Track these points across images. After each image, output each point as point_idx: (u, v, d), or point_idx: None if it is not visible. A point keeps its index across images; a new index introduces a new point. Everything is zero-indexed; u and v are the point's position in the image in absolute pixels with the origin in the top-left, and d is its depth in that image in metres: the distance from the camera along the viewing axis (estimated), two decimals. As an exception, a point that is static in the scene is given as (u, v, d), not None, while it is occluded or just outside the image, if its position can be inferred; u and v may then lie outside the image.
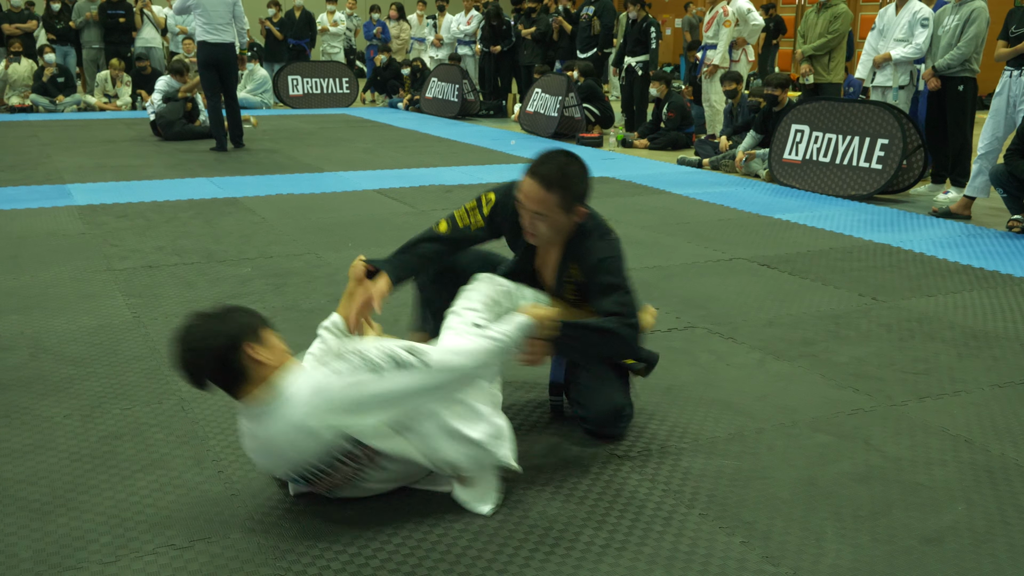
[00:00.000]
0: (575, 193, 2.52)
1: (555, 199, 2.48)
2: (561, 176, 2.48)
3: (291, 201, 6.51)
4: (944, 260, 5.01)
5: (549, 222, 2.53)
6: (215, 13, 8.45)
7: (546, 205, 2.49)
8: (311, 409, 2.10)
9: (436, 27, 14.78)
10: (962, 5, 6.71)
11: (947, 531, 2.28)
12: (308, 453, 2.14)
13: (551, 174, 2.48)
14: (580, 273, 2.63)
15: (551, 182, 2.47)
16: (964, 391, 3.19)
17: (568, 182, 2.50)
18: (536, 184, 2.48)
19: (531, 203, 2.50)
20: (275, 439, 2.14)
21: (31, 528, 2.24)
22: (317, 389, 2.12)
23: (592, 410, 2.71)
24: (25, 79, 12.80)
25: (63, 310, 3.97)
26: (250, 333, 2.16)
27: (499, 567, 2.10)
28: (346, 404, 2.11)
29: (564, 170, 2.50)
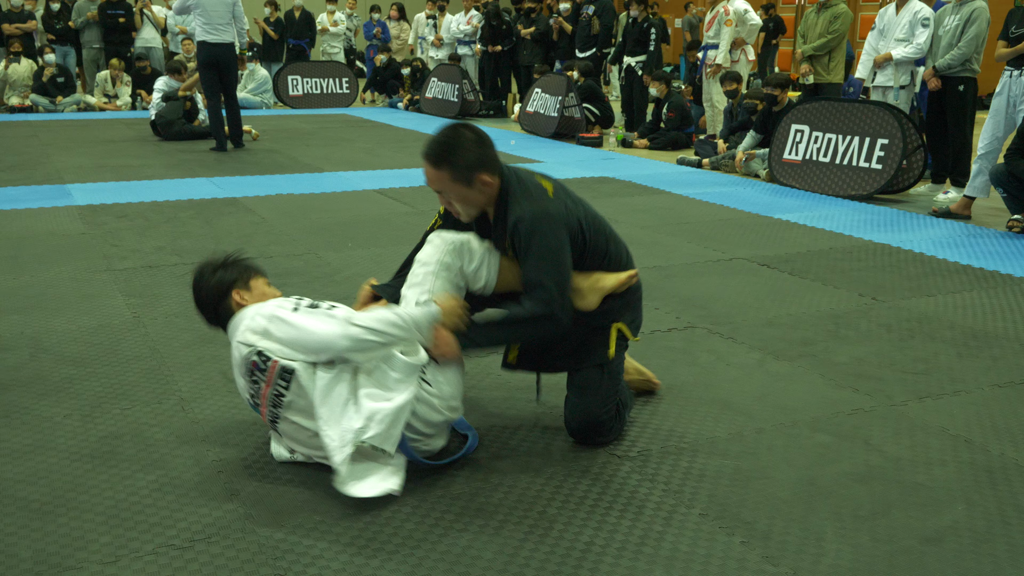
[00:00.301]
0: (465, 163, 2.46)
1: (446, 174, 2.47)
2: (443, 151, 2.47)
3: (291, 201, 6.51)
4: (944, 260, 5.02)
5: (456, 198, 2.52)
6: (215, 13, 8.45)
7: (442, 182, 2.49)
8: (244, 328, 2.48)
9: (436, 27, 14.78)
10: (963, 5, 6.71)
11: (947, 531, 2.28)
12: (237, 365, 2.50)
13: (434, 151, 2.48)
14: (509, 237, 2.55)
15: (437, 159, 2.48)
16: (964, 391, 3.19)
17: (451, 155, 2.46)
18: (426, 165, 2.50)
19: (431, 184, 2.53)
20: (232, 356, 2.53)
21: (31, 528, 2.24)
22: (252, 313, 2.50)
23: (571, 420, 2.69)
24: (25, 79, 12.80)
25: (63, 310, 3.97)
26: (240, 281, 2.62)
27: (499, 567, 2.10)
28: (264, 326, 2.45)
29: (445, 144, 2.47)
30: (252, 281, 2.64)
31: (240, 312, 2.56)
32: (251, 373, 2.45)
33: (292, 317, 2.43)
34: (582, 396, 2.67)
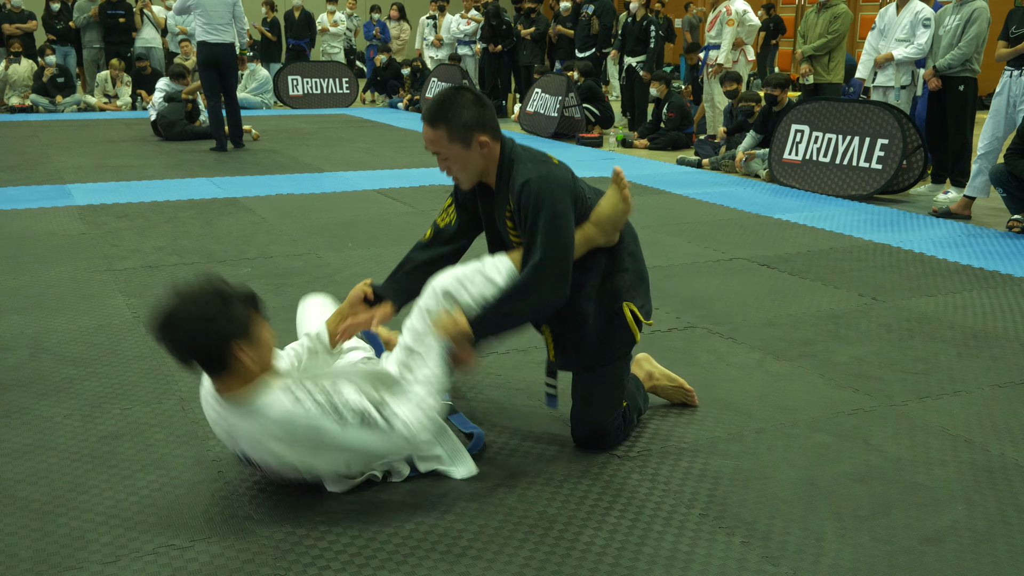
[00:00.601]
0: (462, 122, 2.44)
1: (443, 133, 2.45)
2: (440, 110, 2.45)
3: (291, 201, 6.51)
4: (944, 260, 5.02)
5: (453, 160, 2.51)
6: (215, 13, 8.46)
7: (438, 143, 2.47)
8: (270, 434, 2.19)
9: (436, 27, 14.78)
10: (963, 5, 6.71)
11: (947, 531, 2.28)
12: (260, 455, 2.27)
13: (431, 111, 2.46)
14: (512, 204, 2.52)
15: (433, 118, 2.46)
16: (964, 391, 3.19)
17: (448, 113, 2.44)
18: (424, 126, 2.49)
19: (429, 146, 2.51)
20: (237, 431, 2.25)
21: (31, 528, 2.24)
22: (283, 419, 2.17)
23: (576, 429, 2.68)
24: (25, 79, 12.80)
25: (63, 310, 3.97)
26: (242, 332, 2.18)
27: (499, 567, 2.10)
28: (303, 444, 2.21)
29: (443, 104, 2.45)
30: (253, 327, 2.23)
31: (254, 392, 2.18)
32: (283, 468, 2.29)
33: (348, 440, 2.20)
34: (588, 405, 2.63)
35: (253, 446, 2.24)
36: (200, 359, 2.19)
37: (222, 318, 2.15)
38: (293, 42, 15.02)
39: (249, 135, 9.60)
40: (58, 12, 13.36)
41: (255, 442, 2.22)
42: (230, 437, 2.29)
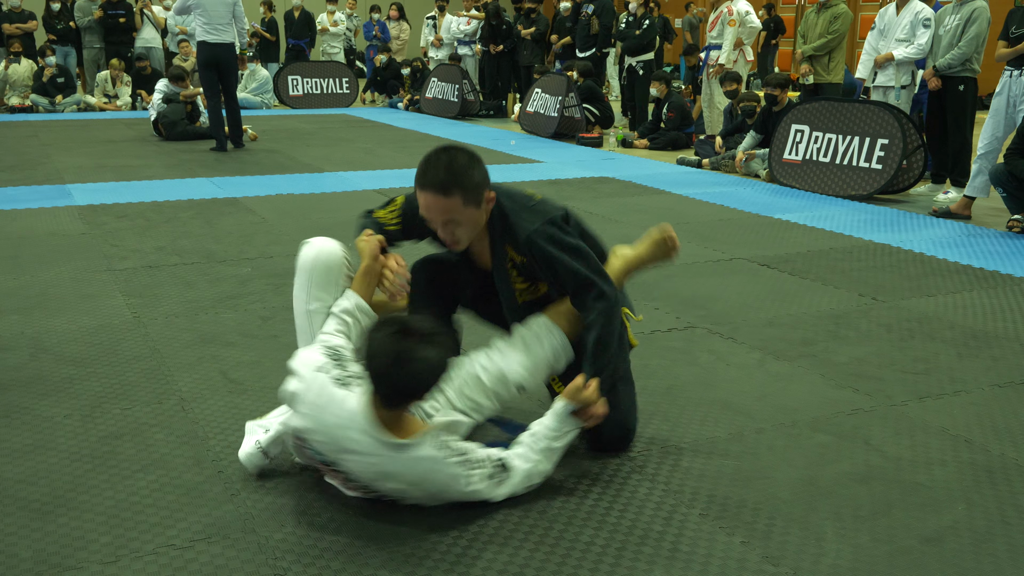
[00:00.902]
0: (474, 184, 2.39)
1: (458, 200, 2.37)
2: (451, 176, 2.36)
3: (291, 201, 6.52)
4: (944, 260, 5.02)
5: (465, 225, 2.42)
6: (215, 13, 8.46)
7: (452, 210, 2.38)
8: (407, 475, 2.21)
9: (436, 27, 14.79)
10: (963, 5, 6.71)
11: (947, 531, 2.28)
12: (375, 481, 2.24)
13: (442, 179, 2.36)
14: (518, 256, 2.51)
15: (445, 186, 2.35)
16: (964, 391, 3.19)
17: (462, 178, 2.36)
18: (433, 195, 2.37)
19: (438, 214, 2.39)
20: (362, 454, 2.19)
21: (31, 528, 2.24)
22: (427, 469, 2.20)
23: (605, 433, 2.62)
24: (25, 79, 12.80)
25: (63, 310, 3.97)
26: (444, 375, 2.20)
27: (499, 567, 2.10)
28: (430, 488, 2.25)
29: (452, 168, 2.37)
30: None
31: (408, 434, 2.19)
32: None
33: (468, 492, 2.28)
34: (615, 409, 2.59)
35: (375, 474, 2.21)
36: (406, 396, 2.17)
37: (446, 368, 2.19)
38: (293, 42, 15.02)
39: (246, 135, 9.60)
40: (59, 12, 13.36)
41: (383, 473, 2.20)
42: (338, 449, 2.21)
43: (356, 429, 2.17)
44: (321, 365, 2.26)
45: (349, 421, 2.17)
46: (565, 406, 2.41)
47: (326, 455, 2.25)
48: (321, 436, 2.22)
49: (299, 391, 2.26)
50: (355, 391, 2.21)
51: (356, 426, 2.17)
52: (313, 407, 2.22)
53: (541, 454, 2.39)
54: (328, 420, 2.20)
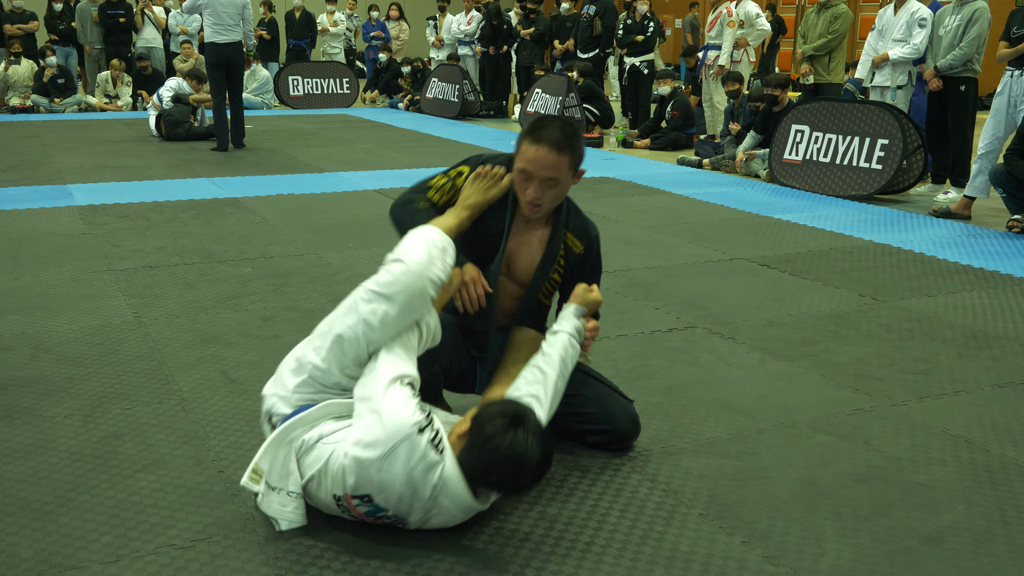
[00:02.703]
0: (580, 153, 2.51)
1: (567, 161, 2.45)
2: (567, 138, 2.45)
3: (291, 201, 6.52)
4: (944, 260, 5.02)
5: (559, 188, 2.49)
6: (225, 13, 8.54)
7: (560, 169, 2.45)
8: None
9: (437, 28, 14.79)
10: (964, 5, 6.71)
11: (947, 531, 2.28)
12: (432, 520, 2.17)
13: (558, 137, 2.43)
14: (579, 245, 2.63)
15: (561, 144, 2.43)
16: (964, 391, 3.19)
17: (575, 143, 2.47)
18: (547, 149, 2.42)
19: (544, 169, 2.44)
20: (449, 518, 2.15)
21: (32, 528, 2.24)
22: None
23: (614, 424, 2.65)
24: (25, 80, 12.80)
25: (64, 310, 3.97)
26: None
27: (499, 567, 2.10)
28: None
29: (566, 131, 2.46)
30: None
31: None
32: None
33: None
34: (613, 399, 2.69)
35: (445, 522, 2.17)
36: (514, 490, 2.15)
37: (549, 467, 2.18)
38: (293, 42, 15.02)
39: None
40: (60, 12, 13.36)
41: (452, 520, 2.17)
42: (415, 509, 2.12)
43: (448, 498, 2.10)
44: (416, 423, 2.07)
45: (442, 491, 2.09)
46: (576, 308, 2.54)
47: (391, 512, 2.12)
48: (394, 495, 2.08)
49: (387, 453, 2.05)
50: (448, 459, 2.09)
51: (449, 496, 2.09)
52: (405, 473, 2.06)
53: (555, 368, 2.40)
54: (417, 485, 2.07)
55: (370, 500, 2.10)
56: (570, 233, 2.63)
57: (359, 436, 2.08)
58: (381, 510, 2.12)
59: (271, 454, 2.19)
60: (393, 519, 2.15)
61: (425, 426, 2.08)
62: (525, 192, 2.49)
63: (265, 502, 2.20)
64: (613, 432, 2.67)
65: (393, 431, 2.05)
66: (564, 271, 2.66)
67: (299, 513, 2.20)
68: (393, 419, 2.07)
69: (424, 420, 2.09)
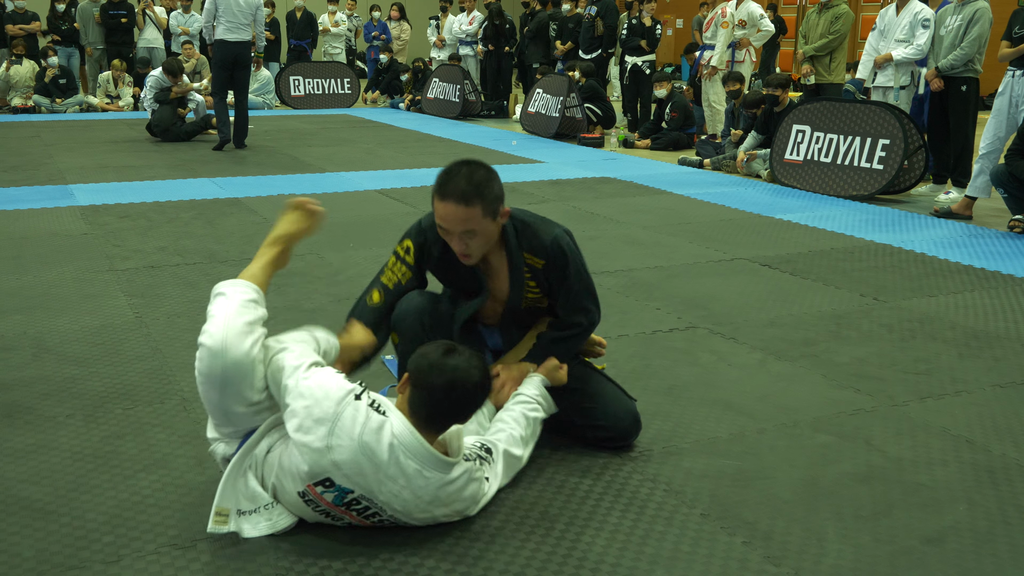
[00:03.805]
0: (493, 197, 2.41)
1: (478, 211, 2.37)
2: (473, 187, 2.36)
3: (293, 201, 6.51)
4: (945, 260, 5.02)
5: (480, 236, 2.43)
6: (240, 11, 8.64)
7: (472, 220, 2.38)
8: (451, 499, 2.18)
9: (439, 28, 14.80)
10: (965, 5, 6.71)
11: (948, 531, 2.28)
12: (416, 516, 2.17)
13: (463, 189, 2.35)
14: (538, 261, 2.56)
15: (468, 196, 2.35)
16: (965, 391, 3.19)
17: (482, 189, 2.38)
18: (453, 205, 2.36)
19: (457, 224, 2.38)
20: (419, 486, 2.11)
21: (34, 528, 2.24)
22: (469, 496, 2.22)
23: (615, 421, 2.67)
24: (27, 80, 12.81)
25: (65, 310, 3.98)
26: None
27: (500, 567, 2.10)
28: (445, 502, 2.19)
29: (472, 180, 2.37)
30: None
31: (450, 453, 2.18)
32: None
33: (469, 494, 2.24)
34: (615, 396, 2.71)
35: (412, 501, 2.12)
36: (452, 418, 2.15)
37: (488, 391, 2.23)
38: (295, 43, 15.03)
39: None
40: (63, 13, 13.37)
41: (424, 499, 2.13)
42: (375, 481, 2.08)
43: (407, 454, 2.07)
44: (350, 390, 2.11)
45: (399, 450, 2.07)
46: (543, 380, 2.58)
47: (357, 491, 2.09)
48: (353, 469, 2.07)
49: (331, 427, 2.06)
50: (392, 415, 2.10)
51: (407, 451, 2.07)
52: (353, 438, 2.05)
53: (519, 422, 2.46)
54: (370, 449, 2.06)
55: (331, 483, 2.09)
56: (526, 252, 2.57)
57: (298, 423, 2.08)
58: (347, 491, 2.10)
59: (231, 489, 2.19)
60: (366, 504, 2.12)
61: (361, 392, 2.12)
62: (451, 245, 2.47)
63: (247, 529, 2.19)
64: (614, 429, 2.67)
65: (330, 405, 2.07)
66: (539, 286, 2.63)
67: (284, 517, 2.21)
68: (326, 394, 2.09)
69: (359, 387, 2.13)
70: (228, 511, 2.19)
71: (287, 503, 2.20)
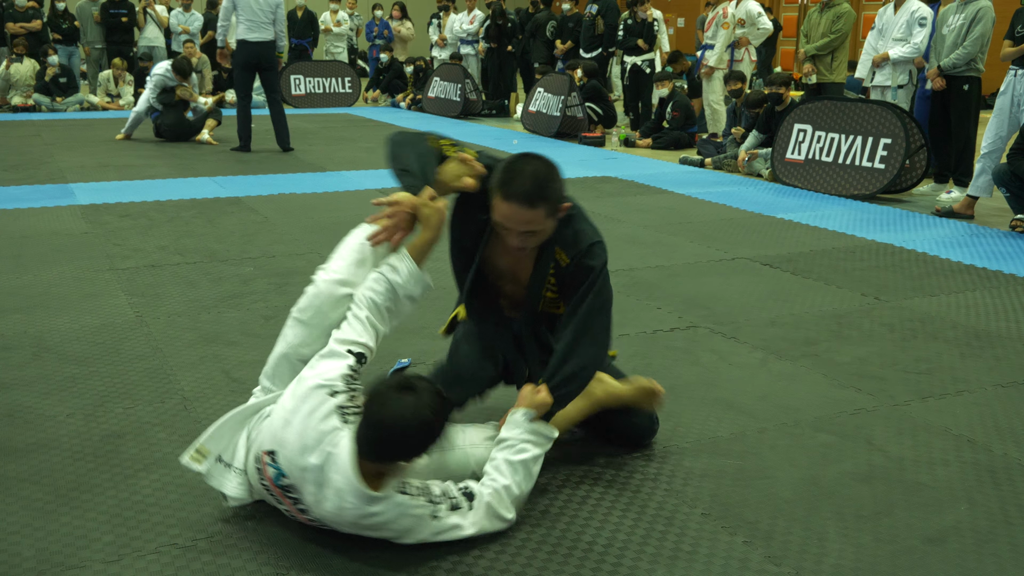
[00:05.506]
0: (557, 196, 2.36)
1: (542, 212, 2.32)
2: (539, 188, 2.30)
3: (293, 200, 6.52)
4: (947, 260, 5.01)
5: (540, 235, 2.39)
6: (260, 10, 8.54)
7: (535, 221, 2.33)
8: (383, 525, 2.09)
9: (440, 27, 14.79)
10: (967, 4, 6.70)
11: (949, 531, 2.27)
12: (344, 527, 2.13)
13: (529, 190, 2.29)
14: (565, 258, 2.48)
15: (532, 197, 2.29)
16: (966, 391, 3.18)
17: (548, 191, 2.32)
18: (517, 206, 2.30)
19: (519, 224, 2.33)
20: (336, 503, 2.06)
21: (34, 527, 2.24)
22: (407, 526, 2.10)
23: (640, 430, 2.67)
24: (27, 79, 12.81)
25: (66, 309, 3.97)
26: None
27: (501, 567, 2.10)
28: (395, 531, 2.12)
29: (538, 180, 2.31)
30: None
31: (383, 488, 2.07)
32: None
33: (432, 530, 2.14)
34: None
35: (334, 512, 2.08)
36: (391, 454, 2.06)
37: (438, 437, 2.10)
38: (296, 42, 15.01)
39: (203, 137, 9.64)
40: (63, 11, 13.37)
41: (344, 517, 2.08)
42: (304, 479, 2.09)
43: (336, 468, 2.04)
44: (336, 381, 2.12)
45: (331, 461, 2.05)
46: (525, 413, 2.34)
47: (289, 478, 2.11)
48: (291, 454, 2.09)
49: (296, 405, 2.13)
50: (348, 430, 2.07)
51: (337, 465, 2.04)
52: (303, 426, 2.08)
53: (503, 471, 2.25)
54: (309, 444, 2.07)
55: (274, 458, 2.13)
56: (559, 248, 2.48)
57: (291, 389, 2.19)
58: (282, 474, 2.12)
59: (224, 435, 2.26)
60: (296, 497, 2.12)
61: (340, 392, 2.12)
62: (507, 239, 2.40)
63: (215, 478, 2.25)
64: (635, 432, 2.67)
65: (307, 389, 2.13)
66: (558, 288, 2.54)
67: (243, 489, 2.24)
68: (313, 379, 2.15)
69: (342, 388, 2.13)
70: (209, 453, 2.25)
71: (250, 470, 2.23)
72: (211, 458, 2.24)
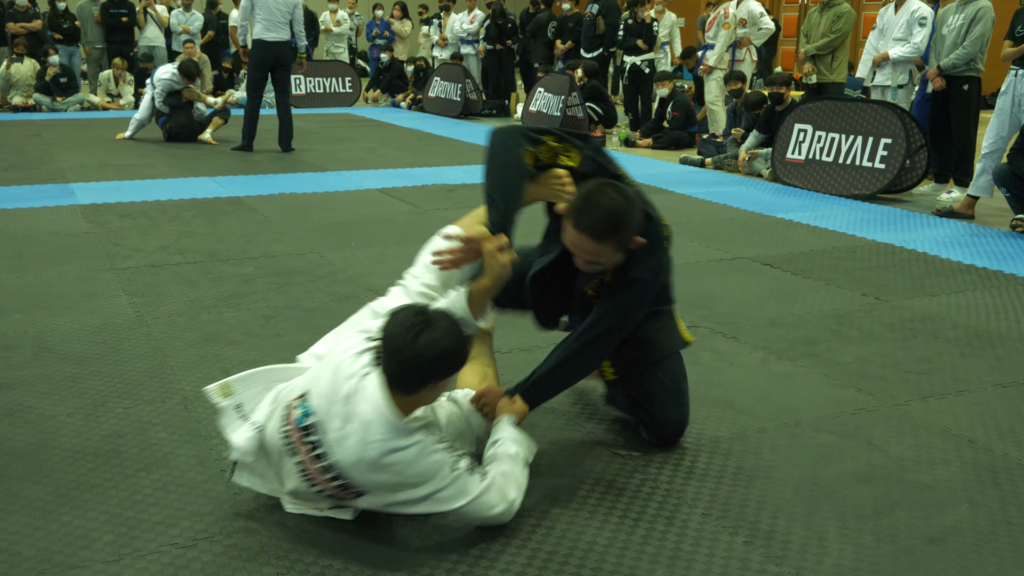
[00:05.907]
0: (628, 233, 2.33)
1: (609, 248, 2.32)
2: (611, 224, 2.28)
3: (294, 200, 6.52)
4: (947, 260, 5.01)
5: (605, 264, 2.39)
6: (277, 10, 8.55)
7: (602, 255, 2.33)
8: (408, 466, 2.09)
9: (441, 27, 14.79)
10: (967, 4, 6.69)
11: (950, 531, 2.27)
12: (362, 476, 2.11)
13: (599, 225, 2.27)
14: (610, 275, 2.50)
15: (601, 233, 2.28)
16: (967, 391, 3.18)
17: (619, 226, 2.30)
18: (586, 238, 2.29)
19: (585, 254, 2.34)
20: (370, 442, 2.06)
21: (34, 527, 2.24)
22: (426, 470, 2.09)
23: (669, 427, 2.68)
24: (28, 79, 12.81)
25: (66, 309, 3.98)
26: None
27: (502, 567, 2.10)
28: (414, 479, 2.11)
29: (610, 214, 2.28)
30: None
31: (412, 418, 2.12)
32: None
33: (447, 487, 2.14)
34: (679, 402, 2.67)
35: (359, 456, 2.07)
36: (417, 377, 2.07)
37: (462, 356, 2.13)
38: (296, 42, 15.01)
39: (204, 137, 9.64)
40: (64, 11, 13.37)
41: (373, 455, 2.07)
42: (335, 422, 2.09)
43: (365, 399, 2.07)
44: (375, 332, 2.16)
45: (360, 390, 2.07)
46: (508, 420, 2.44)
47: (316, 415, 2.11)
48: (323, 386, 2.12)
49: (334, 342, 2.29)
50: (377, 370, 2.11)
51: (367, 395, 2.07)
52: (338, 362, 2.13)
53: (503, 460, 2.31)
54: (341, 377, 2.10)
55: (305, 398, 2.16)
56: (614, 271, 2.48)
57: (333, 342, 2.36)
58: (310, 412, 2.13)
59: (254, 384, 2.31)
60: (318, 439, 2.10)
61: (376, 339, 2.14)
62: (575, 259, 2.40)
63: (229, 422, 2.28)
64: (664, 430, 2.69)
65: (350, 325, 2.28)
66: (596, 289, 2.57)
67: (250, 444, 2.24)
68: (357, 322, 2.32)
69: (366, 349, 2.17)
70: (233, 394, 2.28)
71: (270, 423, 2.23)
72: (233, 400, 2.27)
